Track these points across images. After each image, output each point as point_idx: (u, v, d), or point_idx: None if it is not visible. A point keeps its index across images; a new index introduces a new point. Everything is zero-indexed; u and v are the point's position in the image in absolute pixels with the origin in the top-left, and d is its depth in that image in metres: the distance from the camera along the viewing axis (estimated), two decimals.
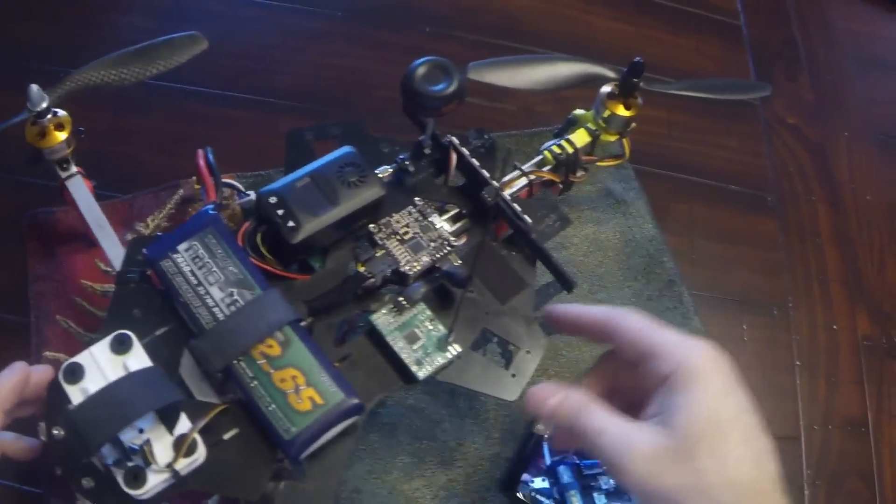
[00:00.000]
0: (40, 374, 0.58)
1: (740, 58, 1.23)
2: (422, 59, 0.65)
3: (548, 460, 0.77)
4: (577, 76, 0.82)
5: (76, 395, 0.54)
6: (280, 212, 0.62)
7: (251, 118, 0.95)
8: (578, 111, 0.85)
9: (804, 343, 1.00)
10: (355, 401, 0.55)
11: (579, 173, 0.84)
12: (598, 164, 0.87)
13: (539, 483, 0.76)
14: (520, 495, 0.76)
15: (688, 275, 0.98)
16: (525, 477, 0.76)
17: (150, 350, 0.57)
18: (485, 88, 0.79)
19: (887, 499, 0.92)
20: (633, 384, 0.57)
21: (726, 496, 0.49)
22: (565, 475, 0.76)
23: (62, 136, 0.73)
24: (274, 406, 0.54)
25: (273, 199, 0.62)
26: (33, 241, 0.83)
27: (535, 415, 0.58)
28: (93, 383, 0.54)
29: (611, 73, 0.82)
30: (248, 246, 0.62)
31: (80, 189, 0.74)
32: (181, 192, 0.84)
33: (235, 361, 0.55)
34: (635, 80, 0.80)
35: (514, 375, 0.64)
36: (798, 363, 0.98)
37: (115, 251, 0.71)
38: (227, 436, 0.56)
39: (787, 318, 1.01)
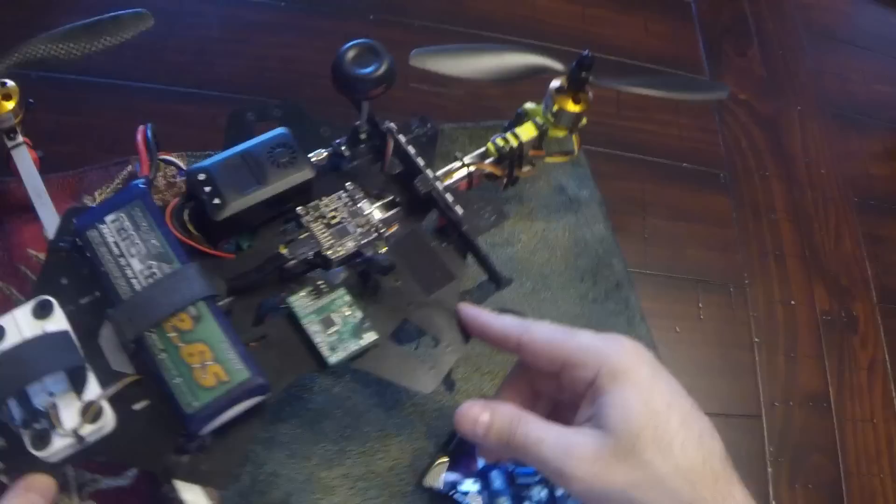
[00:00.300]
0: None
1: (690, 35, 1.24)
2: (352, 42, 0.66)
3: (480, 463, 0.76)
4: (525, 67, 0.80)
5: None
6: (207, 189, 0.62)
7: (197, 112, 0.95)
8: (528, 104, 0.84)
9: (762, 319, 1.01)
10: (260, 380, 0.56)
11: (525, 168, 0.83)
12: (547, 159, 0.85)
13: (469, 485, 0.75)
14: (455, 496, 0.75)
15: (641, 254, 0.99)
16: (454, 477, 0.75)
17: (74, 318, 0.59)
18: (431, 74, 0.79)
19: (851, 473, 0.94)
20: (553, 389, 0.58)
21: (678, 482, 0.49)
22: (497, 481, 0.75)
23: (9, 105, 0.74)
24: (179, 379, 0.55)
25: (201, 176, 0.63)
26: None
27: (469, 436, 0.57)
28: (11, 345, 0.55)
29: (559, 66, 0.80)
30: (175, 222, 0.63)
31: (23, 159, 0.75)
32: (129, 167, 0.85)
33: (147, 332, 0.56)
34: (584, 74, 0.79)
35: (431, 368, 0.63)
36: (756, 340, 0.99)
37: (51, 220, 0.71)
38: (137, 406, 0.57)
39: (743, 295, 1.02)
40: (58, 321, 0.57)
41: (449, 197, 0.68)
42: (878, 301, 1.07)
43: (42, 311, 0.57)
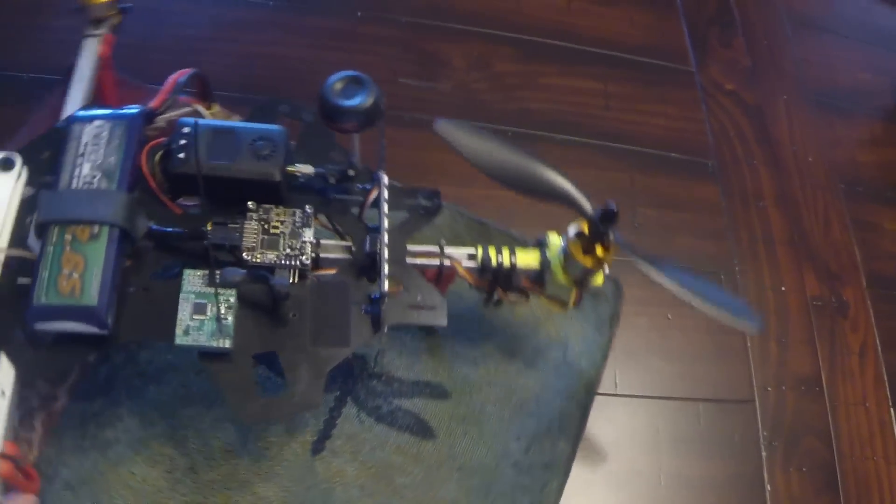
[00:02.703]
0: None
1: (675, 26, 1.25)
2: (340, 74, 0.67)
3: None
4: (549, 189, 0.72)
5: None
6: (182, 142, 0.66)
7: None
8: (552, 235, 0.75)
9: (753, 306, 1.01)
10: (101, 314, 0.59)
11: (513, 296, 0.76)
12: (541, 299, 0.77)
13: None
14: None
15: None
16: None
17: (35, 187, 0.65)
18: (421, 70, 0.77)
19: (845, 456, 0.95)
20: None
21: None
22: None
23: None
24: (46, 273, 0.59)
25: (186, 129, 0.66)
26: None
27: None
28: None
29: (587, 207, 0.71)
30: (151, 157, 0.66)
31: (89, 48, 0.80)
32: (188, 109, 0.85)
33: (53, 225, 0.61)
34: (603, 227, 0.70)
35: (263, 406, 0.63)
36: None
37: (73, 106, 0.76)
38: (21, 281, 0.61)
39: (734, 282, 1.03)
40: (9, 180, 0.64)
41: (386, 268, 0.67)
42: (867, 285, 1.07)
43: (4, 165, 0.64)
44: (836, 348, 1.01)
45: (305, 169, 0.69)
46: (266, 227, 0.67)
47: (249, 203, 0.67)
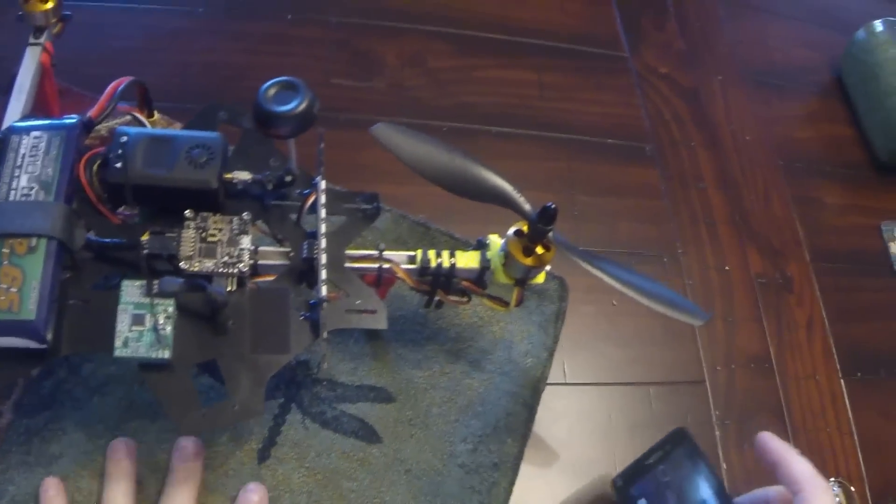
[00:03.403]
0: None
1: (607, 11, 1.26)
2: (274, 80, 0.66)
3: None
4: (488, 191, 0.72)
5: None
6: (119, 151, 0.65)
7: None
8: (493, 236, 0.76)
9: (697, 287, 1.03)
10: (39, 329, 0.59)
11: (454, 297, 0.77)
12: (482, 299, 0.77)
13: None
14: None
15: (573, 232, 0.99)
16: None
17: None
18: (354, 70, 0.76)
19: (798, 429, 0.97)
20: None
21: None
22: None
23: (44, 7, 0.78)
24: None
25: (123, 138, 0.66)
26: None
27: None
28: None
29: (526, 208, 0.71)
30: (88, 167, 0.66)
31: (31, 57, 0.79)
32: (129, 118, 0.84)
33: None
34: (541, 226, 0.70)
35: (203, 416, 0.63)
36: None
37: (13, 115, 0.74)
38: None
39: (677, 264, 1.04)
40: None
41: (324, 273, 0.67)
42: (810, 260, 1.10)
43: None
44: (783, 324, 1.03)
45: (243, 175, 0.69)
46: (203, 235, 0.67)
47: (187, 211, 0.67)
